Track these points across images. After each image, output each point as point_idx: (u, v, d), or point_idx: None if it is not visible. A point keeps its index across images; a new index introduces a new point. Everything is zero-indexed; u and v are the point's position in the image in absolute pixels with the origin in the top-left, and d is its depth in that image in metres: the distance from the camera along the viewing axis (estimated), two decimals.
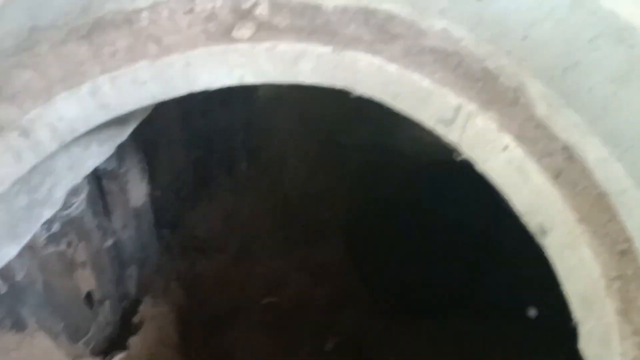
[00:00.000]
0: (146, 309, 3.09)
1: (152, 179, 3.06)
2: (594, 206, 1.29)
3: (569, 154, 1.36)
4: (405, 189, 3.73)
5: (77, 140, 1.58)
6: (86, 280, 2.63)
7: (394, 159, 3.77)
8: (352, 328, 3.59)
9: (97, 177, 2.47)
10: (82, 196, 2.26)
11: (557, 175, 1.33)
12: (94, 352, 2.74)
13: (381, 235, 3.77)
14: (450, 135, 1.54)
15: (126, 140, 2.54)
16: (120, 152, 2.53)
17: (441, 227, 3.38)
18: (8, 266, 2.05)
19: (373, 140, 3.87)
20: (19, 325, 2.23)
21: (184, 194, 3.50)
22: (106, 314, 2.90)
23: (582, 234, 1.25)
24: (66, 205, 2.21)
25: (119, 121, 1.71)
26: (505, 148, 1.39)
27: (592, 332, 1.20)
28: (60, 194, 1.59)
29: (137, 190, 2.79)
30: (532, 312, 2.02)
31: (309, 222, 4.00)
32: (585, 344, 1.21)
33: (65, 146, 1.54)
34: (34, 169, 1.45)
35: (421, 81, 1.48)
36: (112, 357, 2.72)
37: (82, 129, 1.41)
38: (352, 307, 3.69)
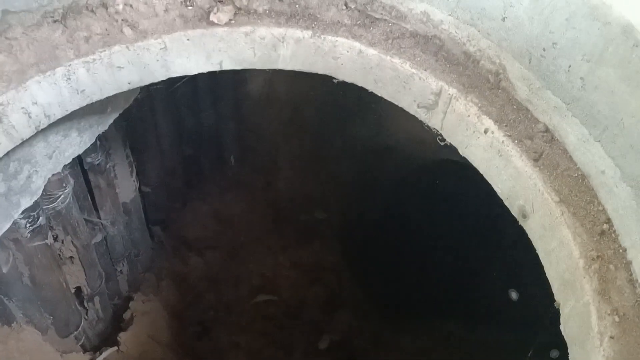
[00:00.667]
0: (137, 305, 3.07)
1: (142, 175, 3.05)
2: (574, 188, 1.28)
3: (549, 137, 1.34)
4: (400, 190, 3.72)
5: (55, 128, 1.57)
6: (75, 275, 2.61)
7: (389, 159, 3.76)
8: (346, 328, 3.57)
9: (84, 172, 2.46)
10: (68, 189, 2.24)
11: (537, 158, 1.31)
12: (84, 348, 2.72)
13: (376, 236, 3.75)
14: (432, 120, 1.53)
15: (113, 135, 2.54)
16: (107, 146, 2.52)
17: (436, 229, 3.36)
18: None
19: (368, 140, 3.86)
20: (6, 318, 2.21)
21: (175, 191, 3.49)
22: (96, 309, 2.88)
23: (562, 215, 1.23)
24: (51, 197, 2.20)
25: (99, 110, 1.70)
26: (486, 131, 1.37)
27: (571, 313, 1.18)
28: (39, 183, 1.57)
29: (126, 185, 2.78)
30: (514, 295, 1.99)
31: (302, 222, 3.98)
32: (565, 324, 1.19)
33: (44, 134, 1.53)
34: (11, 155, 1.44)
35: (402, 65, 1.47)
36: (102, 352, 2.70)
37: (58, 114, 1.39)
38: (346, 307, 3.67)
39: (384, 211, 3.76)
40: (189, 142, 3.40)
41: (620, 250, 1.19)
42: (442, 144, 1.54)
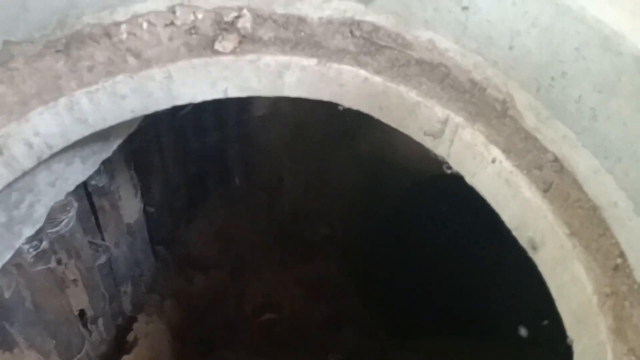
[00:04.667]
0: (140, 326, 3.04)
1: (146, 195, 3.03)
2: (586, 220, 1.25)
3: (559, 166, 1.31)
4: (405, 205, 3.69)
5: (58, 155, 1.55)
6: (78, 298, 2.59)
7: (393, 174, 3.74)
8: (351, 346, 3.53)
9: (88, 194, 2.44)
10: (72, 213, 2.22)
11: (547, 189, 1.29)
12: None
13: (380, 252, 3.72)
14: (439, 148, 1.51)
15: (117, 157, 2.53)
16: (111, 168, 2.50)
17: (443, 244, 3.33)
18: None
19: (371, 155, 3.84)
20: (7, 344, 2.19)
21: (179, 210, 3.47)
22: (100, 331, 2.86)
23: (574, 249, 1.20)
24: (55, 222, 2.18)
25: (103, 137, 1.68)
26: (494, 160, 1.35)
27: (585, 351, 1.15)
28: (42, 211, 1.55)
29: (130, 206, 2.76)
30: (523, 332, 1.96)
31: (306, 239, 3.96)
32: None
33: (46, 162, 1.52)
34: (12, 185, 1.43)
35: (408, 93, 1.45)
36: None
37: (60, 144, 1.38)
38: (351, 325, 3.63)
39: (389, 227, 3.74)
40: (193, 161, 3.39)
41: (635, 286, 1.15)
42: (449, 172, 1.52)
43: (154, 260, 3.38)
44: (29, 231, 1.52)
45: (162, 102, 1.48)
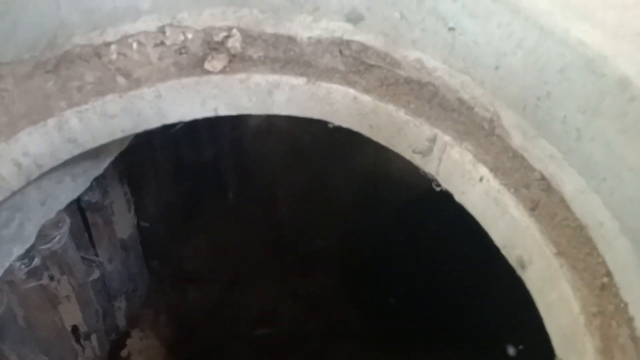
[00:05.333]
0: (134, 342, 3.03)
1: (140, 210, 3.03)
2: (573, 239, 1.25)
3: (546, 185, 1.32)
4: (400, 218, 3.69)
5: (48, 174, 1.55)
6: (71, 314, 2.58)
7: (389, 188, 3.74)
8: (348, 359, 3.51)
9: (80, 209, 2.44)
10: (64, 229, 2.22)
11: (534, 207, 1.29)
12: None
13: (376, 265, 3.71)
14: (428, 166, 1.52)
15: (110, 173, 2.53)
16: (104, 184, 2.51)
17: (437, 258, 3.32)
18: None
19: (368, 168, 3.84)
20: None
21: (173, 224, 3.47)
22: (93, 347, 2.84)
23: (561, 268, 1.21)
24: (47, 238, 2.18)
25: (93, 154, 1.69)
26: (482, 179, 1.36)
27: None
28: (32, 230, 1.55)
29: (123, 221, 2.76)
30: (512, 351, 1.95)
31: (301, 252, 3.95)
32: None
33: (36, 180, 1.52)
34: (2, 204, 1.43)
35: (397, 112, 1.46)
36: None
37: (50, 164, 1.38)
38: (347, 337, 3.62)
39: (385, 240, 3.73)
40: (187, 176, 3.40)
41: (622, 305, 1.16)
42: (437, 189, 1.52)
43: (148, 275, 3.37)
44: (18, 250, 1.52)
45: (152, 121, 1.49)
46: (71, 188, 1.63)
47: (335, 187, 3.95)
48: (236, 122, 3.42)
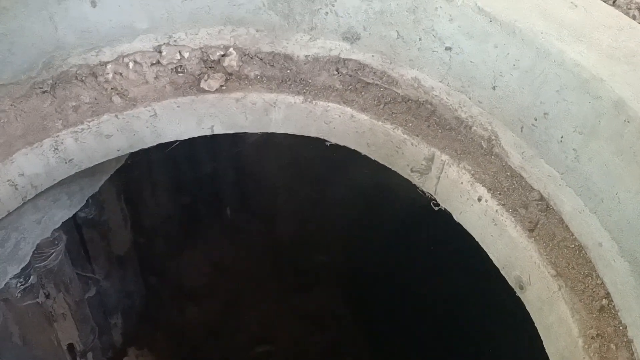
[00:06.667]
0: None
1: (137, 226, 3.02)
2: (572, 260, 1.24)
3: (544, 205, 1.31)
4: (402, 235, 3.66)
5: (44, 193, 1.54)
6: (67, 332, 2.55)
7: (392, 203, 3.72)
8: None
9: (77, 226, 2.43)
10: (60, 247, 2.21)
11: (532, 228, 1.28)
12: None
13: (378, 282, 3.68)
14: (426, 184, 1.51)
15: (106, 189, 2.52)
16: (100, 200, 2.50)
17: (441, 274, 3.29)
18: None
19: (370, 181, 3.82)
20: None
21: (171, 241, 3.45)
22: None
23: (559, 290, 1.19)
24: (43, 256, 2.17)
25: (89, 173, 1.68)
26: (480, 199, 1.35)
27: None
28: (27, 249, 1.54)
29: (120, 238, 2.75)
30: None
31: (302, 267, 3.92)
32: None
33: (32, 200, 1.51)
34: None
35: (394, 130, 1.45)
36: None
37: (46, 184, 1.37)
38: (349, 354, 3.58)
39: (387, 256, 3.70)
40: (185, 190, 3.39)
41: (621, 328, 1.14)
42: (436, 208, 1.51)
43: (146, 291, 3.35)
44: (13, 270, 1.51)
45: (148, 140, 1.48)
46: (67, 206, 1.62)
47: (336, 202, 3.93)
48: (235, 138, 3.41)
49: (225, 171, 3.57)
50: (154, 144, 1.50)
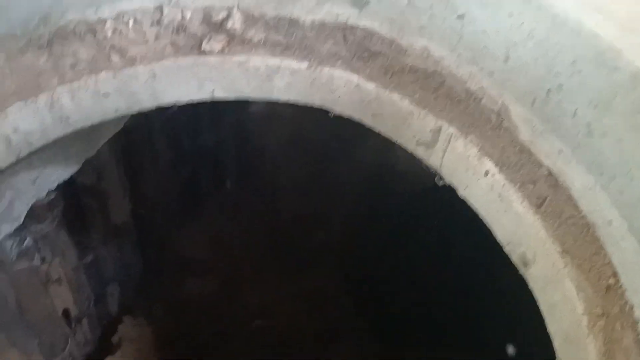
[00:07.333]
0: (126, 329, 3.00)
1: (137, 197, 2.99)
2: (579, 237, 1.20)
3: (553, 182, 1.27)
4: (405, 213, 3.63)
5: (39, 153, 1.51)
6: (62, 297, 2.55)
7: (394, 180, 3.68)
8: (346, 358, 3.46)
9: (75, 193, 2.41)
10: (57, 211, 2.19)
11: (540, 204, 1.25)
12: None
13: (379, 262, 3.66)
14: (431, 158, 1.47)
15: (105, 156, 2.49)
16: (100, 167, 2.47)
17: (440, 256, 3.27)
18: None
19: (372, 159, 3.78)
20: None
21: (171, 213, 3.43)
22: (84, 332, 2.81)
23: (565, 267, 1.16)
24: (39, 219, 2.15)
25: (85, 136, 1.64)
26: (487, 173, 1.31)
27: None
28: (22, 209, 1.52)
29: (119, 207, 2.72)
30: (511, 350, 1.91)
31: (302, 245, 3.90)
32: None
33: (27, 159, 1.48)
34: None
35: (401, 101, 1.41)
36: None
37: (40, 142, 1.34)
38: (347, 337, 3.57)
39: (389, 237, 3.68)
40: (186, 163, 3.35)
41: (627, 308, 1.11)
42: (440, 183, 1.47)
43: (144, 263, 3.34)
44: (7, 229, 1.49)
45: (146, 103, 1.44)
46: (62, 168, 1.59)
47: (339, 180, 3.89)
48: (237, 108, 3.37)
49: (227, 144, 3.54)
50: (152, 107, 1.45)
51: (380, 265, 3.64)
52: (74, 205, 2.40)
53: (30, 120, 1.29)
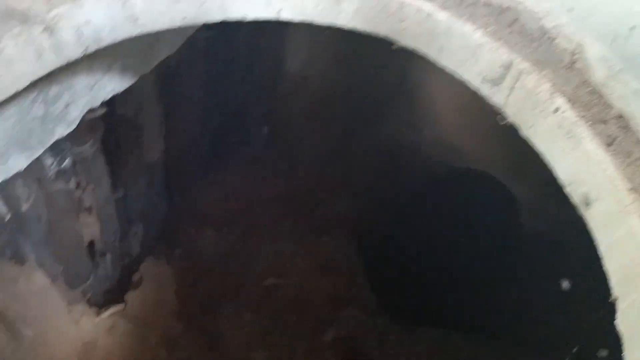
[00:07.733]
0: (148, 268, 3.01)
1: (169, 138, 2.99)
2: None
3: (624, 123, 1.25)
4: (420, 192, 3.63)
5: (101, 58, 1.50)
6: (90, 228, 2.56)
7: (412, 160, 3.67)
8: (351, 326, 3.48)
9: (115, 122, 2.41)
10: (98, 135, 2.19)
11: (610, 143, 1.23)
12: (90, 303, 2.66)
13: (392, 235, 3.66)
14: (496, 96, 1.44)
15: (148, 92, 2.49)
16: (140, 101, 2.46)
17: (456, 237, 3.27)
18: (14, 194, 1.99)
19: (393, 138, 3.77)
20: (18, 257, 2.16)
21: (198, 162, 3.43)
22: (106, 266, 2.83)
23: (632, 203, 1.15)
24: (80, 141, 2.15)
25: (144, 50, 1.64)
26: (556, 110, 1.29)
27: (632, 307, 1.10)
28: (76, 114, 1.51)
29: (153, 145, 2.72)
30: (566, 285, 1.91)
31: (320, 211, 3.91)
32: (623, 320, 1.11)
33: (88, 61, 1.47)
34: (52, 78, 1.38)
35: (472, 34, 1.39)
36: (108, 309, 2.64)
37: (108, 40, 1.33)
38: (354, 304, 3.58)
39: (404, 213, 3.68)
40: (219, 113, 3.35)
41: None
42: (501, 123, 1.45)
43: (169, 207, 3.35)
44: (61, 131, 1.48)
45: (214, 14, 1.42)
46: (119, 79, 1.58)
47: (362, 153, 3.88)
48: (276, 66, 3.36)
49: (260, 104, 3.53)
50: (219, 19, 1.44)
51: (395, 241, 3.64)
52: (112, 135, 2.40)
53: (102, 15, 1.28)
